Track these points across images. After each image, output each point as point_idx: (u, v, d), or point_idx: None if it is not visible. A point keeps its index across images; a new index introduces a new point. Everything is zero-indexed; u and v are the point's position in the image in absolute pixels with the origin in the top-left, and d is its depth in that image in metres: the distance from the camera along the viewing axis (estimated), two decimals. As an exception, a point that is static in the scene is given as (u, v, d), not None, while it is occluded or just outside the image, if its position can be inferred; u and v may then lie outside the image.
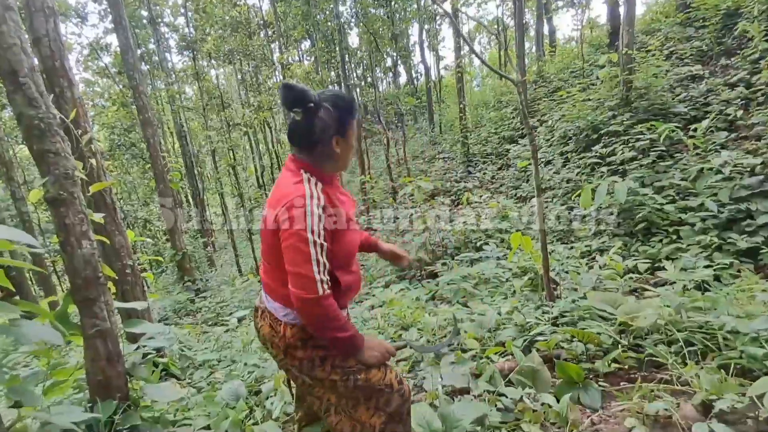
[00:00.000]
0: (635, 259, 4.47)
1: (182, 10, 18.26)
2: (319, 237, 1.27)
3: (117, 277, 3.25)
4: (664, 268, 4.20)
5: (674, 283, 3.28)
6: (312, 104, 1.37)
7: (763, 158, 4.56)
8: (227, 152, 17.79)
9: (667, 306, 2.45)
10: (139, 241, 3.85)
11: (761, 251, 3.88)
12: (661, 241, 4.65)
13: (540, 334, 2.64)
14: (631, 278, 3.73)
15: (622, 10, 8.07)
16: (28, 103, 1.83)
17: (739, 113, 5.69)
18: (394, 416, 1.49)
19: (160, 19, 19.70)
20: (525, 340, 2.61)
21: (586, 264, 4.50)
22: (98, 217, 2.24)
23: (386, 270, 6.39)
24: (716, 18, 8.25)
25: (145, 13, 18.68)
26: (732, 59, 7.15)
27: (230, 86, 29.56)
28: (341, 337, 1.34)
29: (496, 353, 2.56)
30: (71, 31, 19.83)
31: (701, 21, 8.69)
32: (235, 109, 21.68)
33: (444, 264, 5.20)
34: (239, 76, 26.64)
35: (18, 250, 1.50)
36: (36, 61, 2.85)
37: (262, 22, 23.83)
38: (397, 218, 7.79)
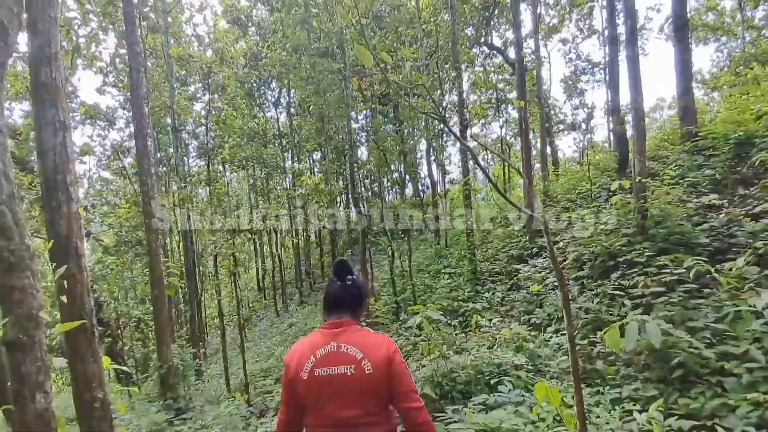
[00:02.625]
0: (677, 415, 3.81)
1: (204, 120, 19.35)
2: None
3: (83, 411, 2.94)
4: (713, 426, 3.55)
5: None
6: (355, 275, 1.85)
7: (811, 303, 4.09)
8: (230, 257, 17.53)
9: None
10: (132, 341, 3.37)
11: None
12: (703, 393, 4.01)
13: None
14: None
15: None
16: (1, 232, 1.59)
17: (770, 248, 5.34)
18: None
19: (183, 127, 20.91)
20: None
21: (620, 419, 3.82)
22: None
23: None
24: (727, 147, 8.34)
25: (169, 121, 19.90)
26: (751, 189, 7.02)
27: (242, 190, 30.48)
28: None
29: None
30: (98, 133, 20.90)
31: (710, 150, 8.79)
32: (243, 214, 21.97)
33: (455, 410, 4.51)
34: (251, 181, 27.59)
35: None
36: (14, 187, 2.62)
37: (277, 132, 25.27)
38: (401, 345, 7.14)
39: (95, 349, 3.13)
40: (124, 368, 5.03)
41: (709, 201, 7.14)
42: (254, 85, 23.87)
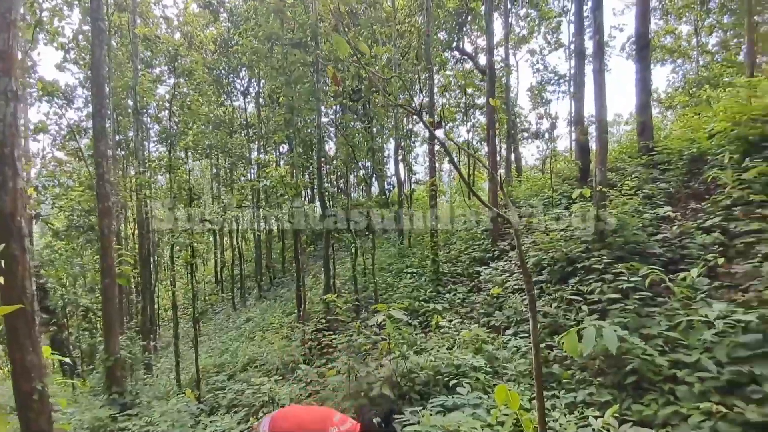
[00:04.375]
0: (630, 421, 3.90)
1: (167, 105, 18.56)
2: None
3: (21, 403, 2.83)
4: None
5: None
6: None
7: (758, 313, 4.29)
8: (187, 247, 16.93)
9: None
10: (78, 330, 3.12)
11: (777, 429, 3.40)
12: (656, 400, 4.14)
13: None
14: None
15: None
16: None
17: (720, 260, 5.58)
18: None
19: (144, 110, 20.01)
20: None
21: (576, 425, 3.87)
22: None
23: (343, 405, 5.52)
24: (681, 162, 8.71)
25: (130, 103, 18.99)
26: (702, 203, 7.34)
27: (204, 179, 29.56)
28: None
29: None
30: (54, 111, 19.77)
31: (665, 164, 9.17)
32: (204, 203, 21.27)
33: (413, 411, 4.45)
34: (214, 171, 26.75)
35: None
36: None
37: (245, 122, 24.61)
38: (362, 344, 7.06)
39: (35, 338, 2.94)
40: (68, 359, 4.70)
41: (664, 213, 7.43)
42: (223, 72, 23.17)
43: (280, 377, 9.06)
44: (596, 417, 3.53)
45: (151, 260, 20.14)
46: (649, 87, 11.25)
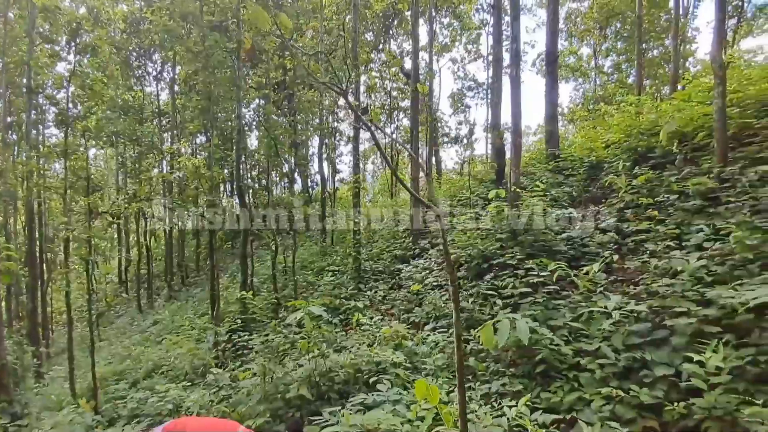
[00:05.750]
0: (540, 409, 4.11)
1: (66, 83, 16.65)
2: None
3: None
4: (572, 419, 3.88)
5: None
6: None
7: (647, 304, 4.72)
8: (85, 242, 15.33)
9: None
10: None
11: (666, 407, 3.74)
12: (562, 387, 4.39)
13: None
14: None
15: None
16: None
17: (615, 257, 6.10)
18: None
19: (40, 89, 17.83)
20: None
21: (491, 416, 3.99)
22: None
23: (257, 409, 5.24)
24: (582, 169, 9.46)
25: (25, 81, 16.81)
26: (599, 206, 8.00)
27: (108, 170, 27.05)
28: None
29: None
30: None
31: (569, 170, 9.91)
32: (107, 195, 19.44)
33: (332, 411, 4.33)
34: (120, 160, 24.58)
35: None
36: None
37: (157, 110, 22.88)
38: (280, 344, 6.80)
39: None
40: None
41: (568, 214, 8.00)
42: (133, 54, 21.35)
43: (189, 383, 8.46)
44: (510, 407, 3.66)
45: (43, 257, 18.03)
46: (556, 100, 12.12)
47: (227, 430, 2.17)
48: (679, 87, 12.09)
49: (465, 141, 25.00)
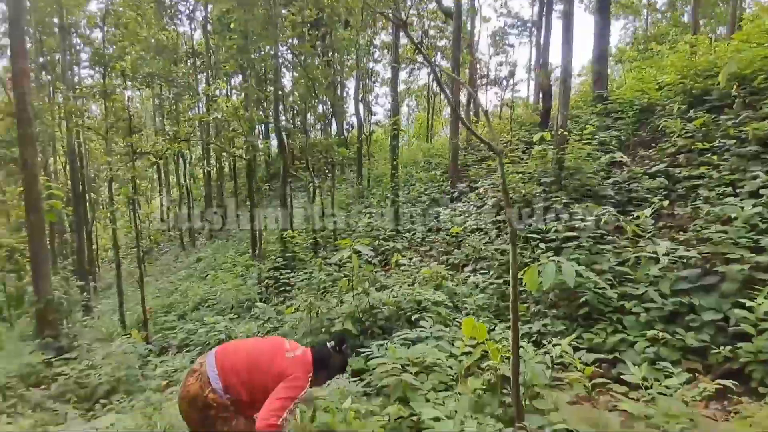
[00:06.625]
0: (582, 349, 4.20)
1: (100, 23, 16.64)
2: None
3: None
4: (614, 360, 3.96)
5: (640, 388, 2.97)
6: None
7: (697, 250, 4.63)
8: (128, 182, 15.90)
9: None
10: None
11: (711, 351, 3.76)
12: (605, 329, 4.45)
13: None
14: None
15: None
16: None
17: (665, 203, 5.93)
18: None
19: (73, 30, 17.89)
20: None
21: (534, 353, 4.11)
22: None
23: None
24: (632, 112, 9.01)
25: (56, 20, 16.88)
26: (649, 150, 7.67)
27: (146, 111, 27.48)
28: None
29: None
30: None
31: (618, 113, 9.45)
32: (147, 136, 19.85)
33: (378, 345, 4.55)
34: (156, 102, 24.88)
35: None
36: None
37: (191, 50, 22.74)
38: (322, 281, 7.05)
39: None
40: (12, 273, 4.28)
41: (617, 158, 7.73)
42: (166, -9, 21.01)
43: (236, 316, 8.92)
44: (554, 345, 3.75)
45: (87, 197, 18.84)
46: (606, 39, 11.34)
47: (274, 344, 2.34)
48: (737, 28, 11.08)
49: (505, 83, 23.96)
